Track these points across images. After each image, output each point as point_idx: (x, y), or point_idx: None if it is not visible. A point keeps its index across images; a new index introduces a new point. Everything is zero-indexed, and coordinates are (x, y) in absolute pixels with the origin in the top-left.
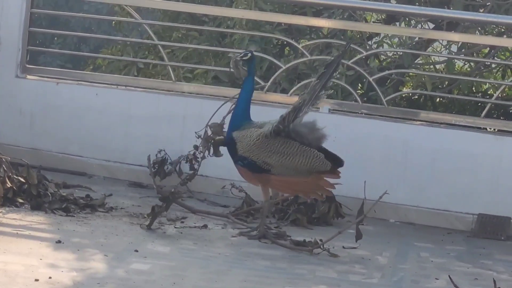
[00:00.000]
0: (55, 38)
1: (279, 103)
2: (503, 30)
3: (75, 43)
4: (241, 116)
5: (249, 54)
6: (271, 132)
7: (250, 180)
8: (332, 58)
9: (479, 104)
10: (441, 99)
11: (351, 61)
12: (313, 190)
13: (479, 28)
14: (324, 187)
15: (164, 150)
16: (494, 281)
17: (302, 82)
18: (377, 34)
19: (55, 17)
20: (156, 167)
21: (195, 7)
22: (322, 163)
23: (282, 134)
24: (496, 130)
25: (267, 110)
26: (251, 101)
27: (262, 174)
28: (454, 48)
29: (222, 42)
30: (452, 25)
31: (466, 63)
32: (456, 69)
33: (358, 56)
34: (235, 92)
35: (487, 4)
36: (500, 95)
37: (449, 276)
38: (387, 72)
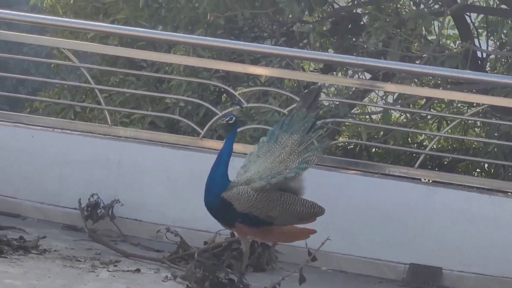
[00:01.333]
0: None
1: (214, 149)
2: (439, 82)
3: (13, 84)
4: (225, 177)
5: (234, 118)
6: (268, 186)
7: (247, 235)
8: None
9: (414, 155)
10: (376, 149)
11: (287, 109)
12: (306, 236)
13: (416, 80)
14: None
15: (97, 194)
16: None
17: (239, 129)
18: (314, 84)
19: None
20: (89, 211)
21: (133, 51)
22: (319, 209)
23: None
24: (430, 181)
25: (203, 157)
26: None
27: (262, 228)
28: (390, 99)
29: (159, 88)
30: (388, 76)
31: (402, 114)
32: (392, 120)
33: (294, 105)
34: (172, 138)
35: (423, 56)
36: (435, 147)
37: None
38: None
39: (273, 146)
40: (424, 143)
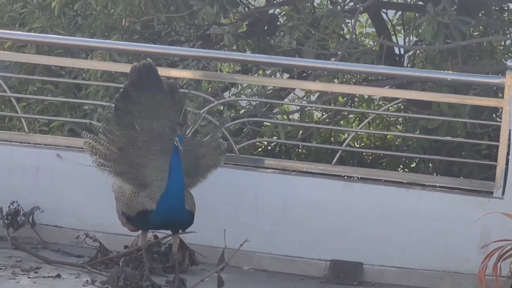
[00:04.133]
0: None
1: None
2: (356, 79)
3: None
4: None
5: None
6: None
7: None
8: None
9: (335, 153)
10: (298, 149)
11: (203, 110)
12: None
13: (336, 78)
14: None
15: (17, 202)
16: None
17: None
18: (233, 85)
19: None
20: (9, 219)
21: (49, 59)
22: None
23: None
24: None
25: None
26: None
27: None
28: (312, 99)
29: (77, 95)
30: (305, 76)
31: (323, 113)
32: (314, 119)
33: (209, 106)
34: None
35: (338, 53)
36: (358, 145)
37: None
38: (238, 121)
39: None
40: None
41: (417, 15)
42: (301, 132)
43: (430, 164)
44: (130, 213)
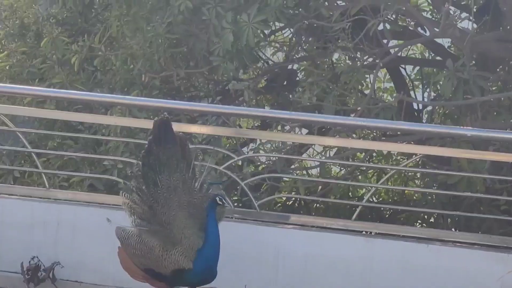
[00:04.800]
0: None
1: None
2: (374, 134)
3: None
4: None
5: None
6: None
7: None
8: None
9: (354, 208)
10: (317, 204)
11: (223, 166)
12: None
13: (354, 134)
14: None
15: (37, 257)
16: None
17: None
18: (252, 140)
19: None
20: (30, 274)
21: (69, 114)
22: None
23: None
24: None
25: None
26: None
27: None
28: (330, 154)
29: (97, 150)
30: (324, 131)
31: (342, 168)
32: (332, 174)
33: (230, 161)
34: (110, 199)
35: (358, 109)
36: (376, 200)
37: None
38: (258, 177)
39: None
40: (366, 197)
41: (435, 70)
42: (320, 187)
43: (449, 219)
44: (161, 270)
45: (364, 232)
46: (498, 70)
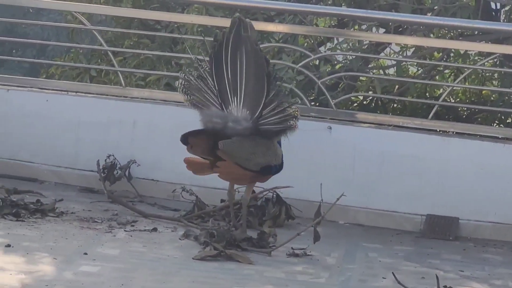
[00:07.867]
0: (13, 51)
1: None
2: (451, 34)
3: (33, 55)
4: None
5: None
6: None
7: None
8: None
9: (430, 108)
10: (394, 104)
11: (300, 65)
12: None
13: (431, 33)
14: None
15: (113, 155)
16: (437, 277)
17: None
18: (329, 40)
19: (12, 29)
20: (106, 172)
21: (146, 13)
22: None
23: None
24: (448, 132)
25: None
26: None
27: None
28: (406, 53)
29: (174, 49)
30: (401, 30)
31: (419, 68)
32: (410, 74)
33: (306, 60)
34: None
35: (435, 8)
36: (453, 100)
37: (392, 273)
38: (334, 75)
39: None
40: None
41: None
42: (397, 86)
43: None
44: (277, 162)
45: (440, 132)
46: None
